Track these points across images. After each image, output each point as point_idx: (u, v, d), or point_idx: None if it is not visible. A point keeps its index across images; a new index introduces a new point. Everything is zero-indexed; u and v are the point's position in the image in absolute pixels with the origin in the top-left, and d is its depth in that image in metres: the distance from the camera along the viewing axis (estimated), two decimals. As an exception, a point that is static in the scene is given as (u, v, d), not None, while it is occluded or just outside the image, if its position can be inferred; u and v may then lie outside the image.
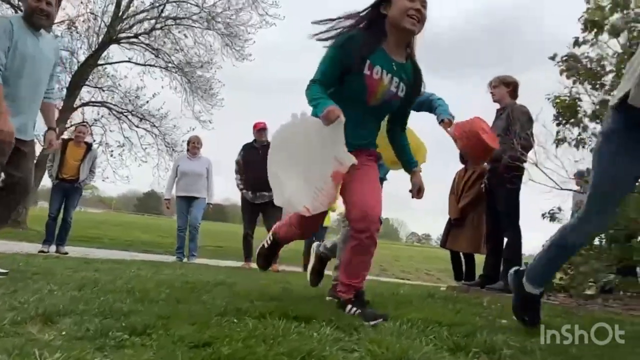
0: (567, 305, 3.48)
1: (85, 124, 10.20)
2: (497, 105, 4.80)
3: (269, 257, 2.92)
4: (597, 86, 4.27)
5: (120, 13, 15.00)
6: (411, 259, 18.94)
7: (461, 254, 5.47)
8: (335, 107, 2.12)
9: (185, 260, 6.49)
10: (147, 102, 15.70)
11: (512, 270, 2.41)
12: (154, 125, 15.75)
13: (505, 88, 4.79)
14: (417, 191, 2.55)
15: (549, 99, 4.83)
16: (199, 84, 15.95)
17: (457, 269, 5.54)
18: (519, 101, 4.83)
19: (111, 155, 15.37)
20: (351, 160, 2.18)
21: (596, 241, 4.77)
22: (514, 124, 4.50)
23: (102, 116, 15.59)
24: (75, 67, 14.73)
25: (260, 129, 6.53)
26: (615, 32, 4.09)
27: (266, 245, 2.86)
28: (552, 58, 4.36)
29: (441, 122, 3.19)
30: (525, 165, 4.58)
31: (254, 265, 6.64)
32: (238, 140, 6.82)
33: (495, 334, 1.84)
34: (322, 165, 2.21)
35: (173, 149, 15.38)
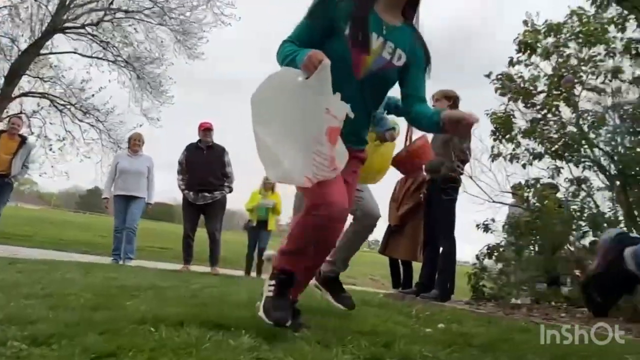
0: (493, 314, 3.61)
1: (20, 115, 9.71)
2: None
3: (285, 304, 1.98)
4: (529, 105, 4.48)
5: (67, 1, 14.38)
6: (358, 264, 19.13)
7: (399, 261, 5.59)
8: (317, 51, 1.77)
9: (121, 262, 6.26)
10: (93, 95, 15.14)
11: (614, 234, 2.30)
12: (99, 120, 15.20)
13: (447, 102, 4.95)
14: (466, 117, 1.94)
15: (487, 114, 5.04)
16: (149, 80, 15.51)
17: (394, 277, 5.65)
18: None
19: (50, 150, 14.67)
20: (345, 109, 1.80)
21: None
22: (453, 137, 4.66)
23: (42, 108, 14.88)
24: (16, 55, 13.98)
25: (205, 129, 6.42)
26: (546, 55, 4.31)
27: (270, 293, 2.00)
28: (488, 76, 4.55)
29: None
30: (462, 177, 4.75)
31: (193, 268, 6.53)
32: (187, 139, 6.68)
33: (412, 344, 1.88)
34: (313, 123, 1.80)
35: (118, 146, 14.85)
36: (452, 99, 4.95)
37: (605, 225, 4.24)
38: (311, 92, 1.78)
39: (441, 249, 4.63)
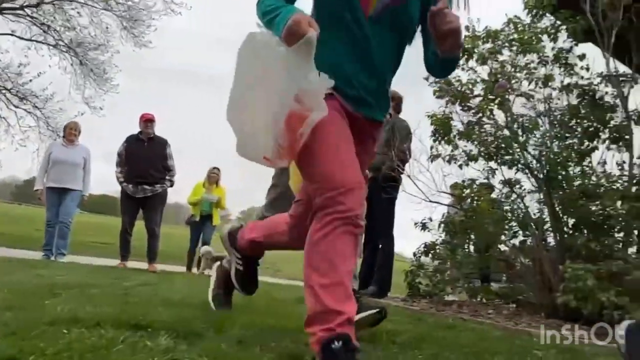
0: (425, 311, 3.73)
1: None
2: None
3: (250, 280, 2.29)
4: (466, 108, 4.64)
5: (5, -20, 13.58)
6: (299, 261, 19.13)
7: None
8: (302, 16, 1.43)
9: (52, 258, 5.99)
10: (31, 80, 14.40)
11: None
12: (37, 107, 14.46)
13: (391, 102, 5.05)
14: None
15: (428, 116, 5.18)
16: (92, 67, 14.89)
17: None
18: (402, 115, 5.13)
19: (-18, 137, 13.84)
20: (324, 87, 1.46)
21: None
22: (395, 137, 4.77)
23: (-27, 92, 13.99)
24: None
25: (146, 120, 6.25)
26: (482, 60, 4.47)
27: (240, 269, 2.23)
28: (426, 79, 4.68)
29: None
30: (402, 176, 4.86)
31: (132, 264, 6.34)
32: (133, 130, 6.45)
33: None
34: (277, 103, 1.50)
35: (57, 134, 14.16)
36: (395, 100, 5.06)
37: (532, 225, 4.46)
38: (286, 66, 1.47)
39: (380, 246, 4.74)
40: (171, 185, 6.34)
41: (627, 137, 4.22)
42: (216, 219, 7.89)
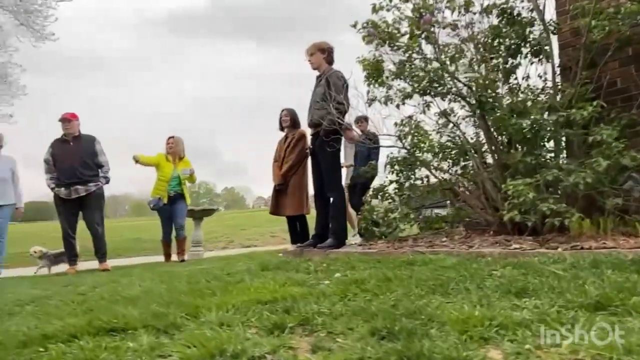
0: (383, 252, 3.87)
1: None
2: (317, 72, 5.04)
3: None
4: (395, 47, 4.69)
5: None
6: (257, 225, 19.27)
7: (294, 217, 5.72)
8: None
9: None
10: None
11: None
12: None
13: (322, 54, 5.02)
14: None
15: (358, 60, 5.18)
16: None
17: (292, 233, 5.80)
18: (335, 66, 5.10)
19: None
20: None
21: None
22: (331, 88, 4.76)
23: None
24: None
25: (64, 120, 5.93)
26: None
27: None
28: (354, 26, 4.66)
29: None
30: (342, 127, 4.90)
31: (80, 267, 6.12)
32: (50, 130, 6.07)
33: (310, 304, 1.97)
34: None
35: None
36: (326, 51, 5.03)
37: (471, 150, 4.67)
38: None
39: (331, 199, 4.82)
40: (107, 182, 6.09)
41: (547, 48, 4.41)
42: (188, 198, 7.08)
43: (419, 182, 5.13)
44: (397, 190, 5.11)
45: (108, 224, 6.91)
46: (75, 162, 5.84)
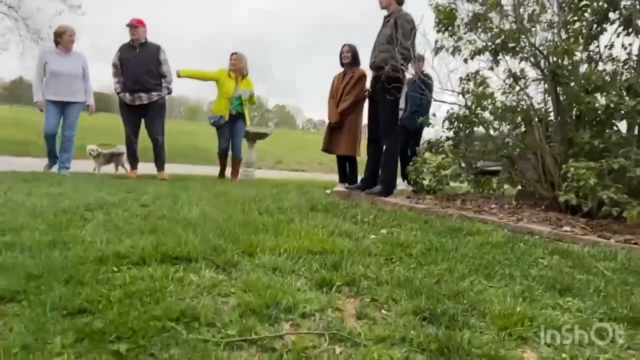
0: (430, 210, 3.91)
1: None
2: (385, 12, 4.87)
3: None
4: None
5: None
6: (306, 149, 19.50)
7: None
8: None
9: (56, 169, 6.10)
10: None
11: None
12: (12, 7, 13.53)
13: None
14: None
15: (431, 5, 4.96)
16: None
17: (341, 172, 5.88)
18: (405, 8, 4.90)
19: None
20: None
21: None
22: (398, 32, 4.61)
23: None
24: None
25: (131, 26, 6.03)
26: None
27: None
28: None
29: None
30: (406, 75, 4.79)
31: (140, 173, 6.47)
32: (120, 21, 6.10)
33: (357, 264, 2.08)
34: None
35: (39, 36, 13.48)
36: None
37: (536, 120, 4.51)
38: None
39: (385, 146, 4.83)
40: (169, 93, 6.25)
41: (638, 21, 4.05)
42: (248, 119, 6.97)
43: (476, 143, 5.03)
44: (452, 147, 5.05)
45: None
46: (140, 68, 6.01)
